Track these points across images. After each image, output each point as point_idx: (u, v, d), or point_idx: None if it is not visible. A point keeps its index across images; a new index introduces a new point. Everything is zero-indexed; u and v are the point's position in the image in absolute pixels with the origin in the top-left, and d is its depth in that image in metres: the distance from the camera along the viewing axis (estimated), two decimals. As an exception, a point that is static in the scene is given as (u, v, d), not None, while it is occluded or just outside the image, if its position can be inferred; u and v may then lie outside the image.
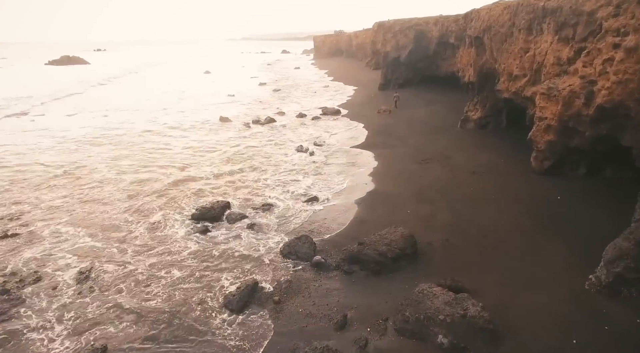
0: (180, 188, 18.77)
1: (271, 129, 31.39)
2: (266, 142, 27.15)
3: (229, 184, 19.22)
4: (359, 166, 21.26)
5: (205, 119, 35.44)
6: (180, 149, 25.51)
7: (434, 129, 27.89)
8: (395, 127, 29.42)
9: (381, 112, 34.88)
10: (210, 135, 29.15)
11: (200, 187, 18.82)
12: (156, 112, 38.83)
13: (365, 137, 27.39)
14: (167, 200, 17.29)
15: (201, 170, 21.27)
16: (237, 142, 26.87)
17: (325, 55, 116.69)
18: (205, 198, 17.59)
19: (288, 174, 20.53)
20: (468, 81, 26.16)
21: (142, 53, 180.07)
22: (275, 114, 37.56)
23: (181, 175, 20.39)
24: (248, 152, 24.58)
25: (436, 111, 33.22)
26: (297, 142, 27.01)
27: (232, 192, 18.18)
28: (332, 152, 24.34)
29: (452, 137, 25.36)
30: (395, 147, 24.25)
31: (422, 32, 42.86)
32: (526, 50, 18.92)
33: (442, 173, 19.08)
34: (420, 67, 44.61)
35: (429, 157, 21.60)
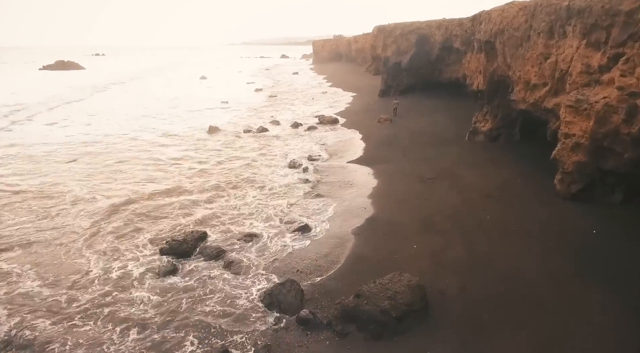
0: (152, 212, 16.41)
1: (263, 140, 29.11)
2: (256, 155, 24.85)
3: (208, 207, 16.88)
4: (357, 186, 18.94)
5: (194, 128, 33.16)
6: (159, 163, 23.17)
7: (439, 140, 25.61)
8: (397, 138, 27.14)
9: (381, 121, 32.63)
10: (195, 147, 26.83)
11: (175, 211, 16.50)
12: (143, 120, 36.56)
13: (364, 150, 25.10)
14: (132, 230, 14.90)
15: (178, 190, 18.94)
16: (223, 156, 24.55)
17: (324, 60, 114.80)
18: (179, 223, 15.27)
19: (277, 196, 18.18)
20: (477, 89, 23.92)
21: (140, 58, 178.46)
22: (269, 123, 35.33)
23: (155, 197, 18.05)
24: (234, 168, 22.25)
25: (440, 120, 30.97)
26: (290, 156, 24.73)
27: (210, 218, 15.84)
28: (328, 168, 22.03)
29: (459, 150, 23.07)
30: (396, 162, 21.96)
31: (424, 37, 40.74)
32: (547, 56, 16.68)
33: (451, 195, 16.76)
34: (423, 73, 42.44)
35: (436, 175, 19.30)
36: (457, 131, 27.07)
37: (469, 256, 12.18)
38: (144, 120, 36.69)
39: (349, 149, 25.64)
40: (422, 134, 27.65)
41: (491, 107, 23.08)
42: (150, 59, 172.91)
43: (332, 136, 29.60)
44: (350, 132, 30.52)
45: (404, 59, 42.88)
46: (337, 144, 27.36)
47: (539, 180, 17.16)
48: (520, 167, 19.12)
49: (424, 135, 27.27)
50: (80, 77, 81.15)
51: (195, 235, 13.94)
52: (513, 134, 22.71)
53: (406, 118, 33.51)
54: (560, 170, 14.84)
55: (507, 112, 22.26)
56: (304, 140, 28.74)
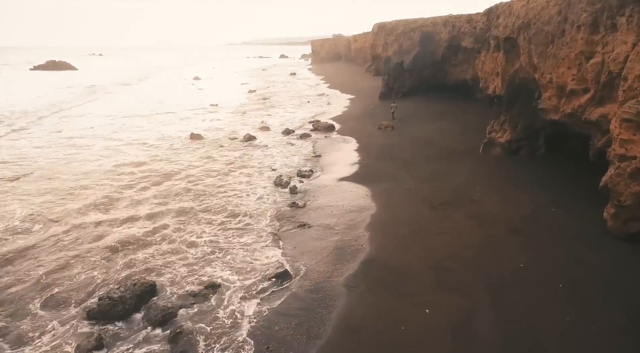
0: (89, 249, 13.07)
1: (249, 150, 25.79)
2: (238, 170, 21.52)
3: (163, 242, 13.52)
4: (351, 212, 15.59)
5: (173, 135, 29.84)
6: (122, 179, 19.80)
7: (449, 152, 22.27)
8: (399, 149, 23.80)
9: (382, 128, 29.32)
10: (167, 159, 23.44)
11: (120, 247, 13.14)
12: (118, 127, 33.22)
13: (361, 163, 21.75)
14: (57, 280, 11.52)
15: (135, 214, 15.59)
16: (199, 171, 21.20)
17: (323, 60, 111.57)
18: (117, 269, 11.94)
19: (254, 229, 14.80)
20: (493, 94, 20.58)
21: (137, 59, 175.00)
22: (258, 129, 32.04)
23: (101, 228, 14.70)
24: (209, 186, 18.88)
25: (448, 128, 27.62)
26: (278, 170, 21.44)
27: (163, 260, 12.46)
28: (319, 188, 18.68)
29: (474, 166, 19.71)
30: (399, 180, 18.61)
31: (428, 35, 37.44)
32: (589, 55, 13.35)
33: (469, 228, 13.40)
34: (427, 74, 39.13)
35: (448, 199, 15.94)
36: (468, 141, 23.72)
37: (506, 335, 8.78)
38: (119, 126, 33.33)
39: (345, 162, 22.28)
40: (429, 144, 24.30)
41: (510, 115, 19.74)
42: (146, 59, 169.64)
43: (326, 146, 26.26)
44: (347, 140, 27.17)
45: (406, 59, 39.58)
46: (332, 155, 24.01)
47: (579, 210, 13.80)
48: (551, 190, 15.74)
49: (431, 146, 23.91)
50: (69, 79, 77.87)
51: (137, 290, 10.58)
52: (536, 146, 19.36)
53: (409, 124, 30.18)
54: (614, 203, 11.48)
55: (530, 122, 18.93)
56: (295, 151, 25.39)
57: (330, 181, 19.36)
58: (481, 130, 24.77)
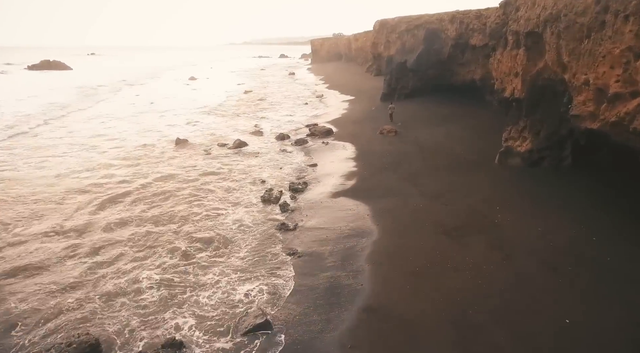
0: (30, 285, 10.69)
1: (238, 158, 23.40)
2: (223, 182, 19.10)
3: (109, 280, 11.07)
4: (350, 237, 13.18)
5: (158, 141, 27.48)
6: (89, 192, 17.38)
7: (460, 162, 19.85)
8: (404, 158, 21.39)
9: (384, 134, 26.89)
10: (143, 169, 21.00)
11: (54, 287, 10.73)
12: (99, 131, 30.83)
13: (361, 175, 19.34)
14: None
15: (77, 243, 13.17)
16: (175, 183, 18.75)
17: (323, 59, 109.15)
18: (49, 311, 9.56)
19: (231, 262, 12.36)
20: (510, 97, 18.15)
21: (134, 58, 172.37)
22: (251, 133, 29.67)
23: (49, 257, 12.30)
24: (183, 203, 16.39)
25: (457, 133, 25.20)
26: (268, 182, 19.06)
27: (108, 305, 10.06)
28: (313, 204, 16.27)
29: (490, 179, 17.28)
30: (405, 196, 16.20)
31: (434, 32, 34.98)
32: (638, 51, 10.93)
33: (493, 264, 10.96)
34: (432, 75, 36.67)
35: (464, 222, 13.51)
36: (481, 149, 21.31)
37: None
38: (99, 131, 30.92)
39: (343, 172, 19.86)
40: (437, 152, 21.87)
41: (531, 121, 17.31)
42: (144, 59, 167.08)
43: (323, 153, 23.85)
44: (346, 147, 24.73)
45: (410, 58, 37.12)
46: (329, 164, 21.60)
47: (627, 240, 11.38)
48: (587, 212, 13.29)
49: (439, 154, 21.49)
50: (62, 79, 75.54)
51: (73, 352, 8.23)
52: (562, 157, 16.93)
53: (414, 129, 27.76)
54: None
55: (555, 129, 16.51)
56: (288, 160, 22.99)
57: (326, 196, 16.95)
58: (494, 137, 22.35)
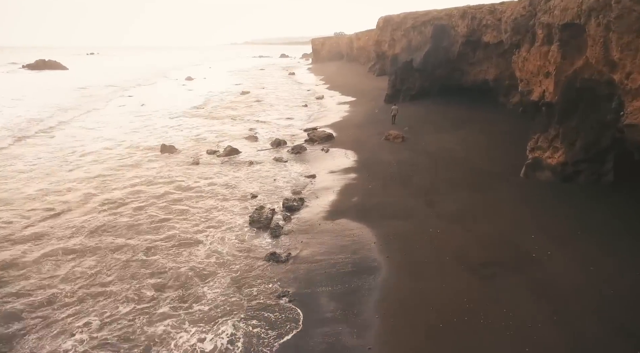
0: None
1: (227, 168, 20.96)
2: (207, 198, 16.61)
3: (34, 332, 8.66)
4: (353, 274, 10.72)
5: (142, 146, 25.09)
6: (51, 210, 14.94)
7: (479, 175, 17.39)
8: (414, 169, 18.94)
9: (391, 140, 24.42)
10: (117, 181, 18.54)
11: None
12: (86, 134, 28.48)
13: (366, 189, 16.88)
14: None
15: (10, 277, 10.75)
16: (154, 199, 16.26)
17: (324, 59, 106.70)
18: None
19: (197, 315, 9.81)
20: (540, 100, 15.67)
21: (134, 58, 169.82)
22: (245, 138, 27.26)
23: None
24: (155, 229, 13.87)
25: (472, 140, 22.74)
26: (259, 197, 16.64)
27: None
28: (311, 227, 13.82)
29: (517, 197, 14.78)
30: (417, 217, 13.75)
31: (443, 28, 32.53)
32: None
33: (540, 320, 8.44)
34: (440, 74, 34.22)
35: (494, 255, 11.03)
36: (501, 159, 18.85)
37: None
38: (85, 134, 28.57)
39: (345, 186, 17.42)
40: (451, 162, 19.41)
41: (565, 129, 14.84)
42: (143, 58, 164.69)
43: (322, 162, 21.39)
44: (347, 155, 22.27)
45: (416, 57, 34.68)
46: (329, 176, 19.12)
47: None
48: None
49: (454, 164, 19.02)
50: (55, 79, 73.24)
51: None
52: (602, 172, 14.45)
53: (423, 134, 25.29)
54: None
55: (594, 139, 14.03)
56: (284, 170, 20.51)
57: (324, 217, 14.49)
58: (515, 144, 19.95)
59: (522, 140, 19.85)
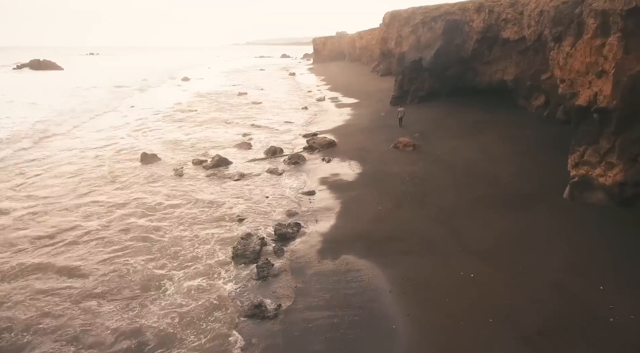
0: None
1: (213, 183, 18.13)
2: (182, 225, 13.78)
3: None
4: (363, 345, 7.93)
5: (121, 154, 22.34)
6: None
7: (510, 193, 14.51)
8: (431, 185, 16.08)
9: (400, 148, 21.56)
10: (77, 198, 15.73)
11: None
12: (61, 142, 25.74)
13: (375, 212, 14.00)
14: None
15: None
16: (116, 223, 13.44)
17: (325, 59, 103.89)
18: None
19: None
20: (591, 106, 12.78)
21: (134, 58, 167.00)
22: (237, 146, 24.47)
23: None
24: (104, 271, 11.02)
25: (493, 148, 19.87)
26: (247, 221, 13.82)
27: None
28: (307, 264, 10.99)
29: (566, 226, 11.87)
30: (440, 252, 10.91)
31: (455, 24, 29.63)
32: None
33: None
34: (451, 74, 31.33)
35: (553, 317, 8.19)
36: (533, 173, 15.97)
37: None
38: (59, 142, 25.83)
39: (349, 207, 14.57)
40: (473, 176, 16.52)
41: (623, 142, 11.98)
42: (143, 59, 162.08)
43: (323, 176, 18.52)
44: (351, 166, 19.43)
45: (426, 55, 31.77)
46: (330, 193, 16.29)
47: None
48: None
49: (477, 179, 16.13)
50: (47, 80, 70.72)
51: None
52: (672, 194, 11.57)
53: (436, 141, 22.44)
54: None
55: (663, 153, 11.17)
56: (279, 185, 17.67)
57: (324, 251, 11.65)
58: (546, 154, 17.17)
59: (555, 151, 17.06)
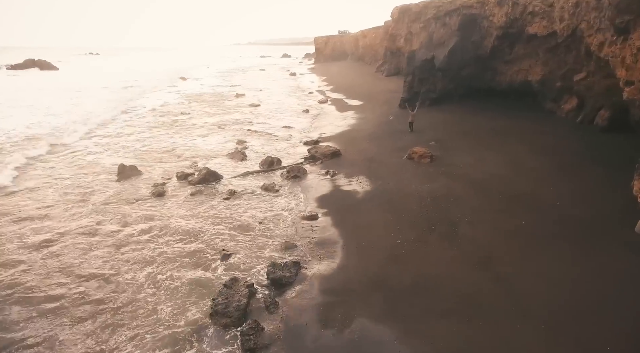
0: None
1: (200, 201, 15.38)
2: (151, 264, 10.99)
3: None
4: None
5: (99, 166, 19.61)
6: None
7: (562, 222, 11.71)
8: (459, 210, 13.24)
9: (415, 159, 18.76)
10: (24, 225, 13.00)
11: None
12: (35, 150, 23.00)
13: (391, 244, 11.22)
14: None
15: None
16: (53, 271, 10.69)
17: (327, 58, 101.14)
18: None
19: None
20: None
21: (134, 58, 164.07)
22: (229, 155, 21.73)
23: None
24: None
25: (527, 162, 17.05)
26: (233, 260, 11.05)
27: None
28: (304, 332, 8.22)
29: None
30: (488, 315, 8.12)
31: (472, 19, 26.85)
32: None
33: None
34: (467, 74, 28.58)
35: None
36: (586, 196, 13.15)
37: None
38: (34, 151, 23.08)
39: (360, 240, 11.79)
40: (508, 197, 13.67)
41: None
42: (142, 59, 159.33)
43: (327, 194, 15.74)
44: (360, 183, 16.63)
45: (439, 54, 28.99)
46: (335, 217, 13.50)
47: None
48: None
49: (516, 203, 13.27)
50: (35, 81, 68.09)
51: None
52: None
53: (456, 151, 19.61)
54: None
55: None
56: (275, 207, 14.89)
57: (330, 308, 8.86)
58: (589, 168, 14.47)
59: (599, 165, 14.38)
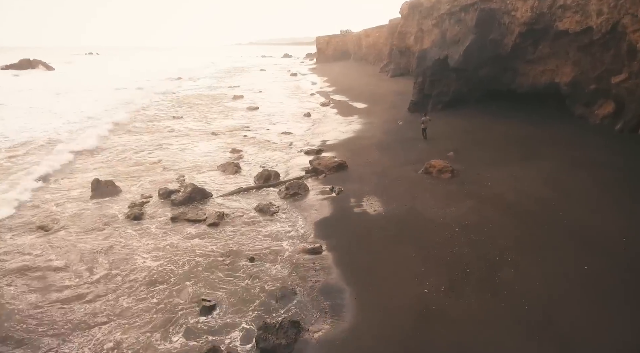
0: None
1: (180, 227, 12.90)
2: (106, 334, 8.53)
3: None
4: None
5: (73, 183, 17.18)
6: None
7: (631, 268, 9.21)
8: (495, 245, 10.69)
9: (434, 174, 16.18)
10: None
11: None
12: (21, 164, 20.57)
13: (413, 301, 8.69)
14: None
15: None
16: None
17: (329, 58, 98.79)
18: None
19: None
20: None
21: (134, 58, 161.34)
22: (220, 168, 19.26)
23: None
24: None
25: (571, 180, 14.48)
26: (215, 312, 8.56)
27: None
28: None
29: None
30: None
31: (491, 15, 24.29)
32: None
33: None
34: (484, 76, 26.03)
35: None
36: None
37: None
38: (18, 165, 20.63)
39: (375, 292, 9.29)
40: (557, 228, 11.13)
41: None
42: (142, 59, 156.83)
43: (332, 219, 13.22)
44: (372, 205, 14.09)
45: (453, 53, 26.43)
46: (343, 261, 10.99)
47: None
48: None
49: (570, 237, 10.73)
50: (25, 83, 65.69)
51: None
52: None
53: (479, 164, 17.04)
54: None
55: None
56: (269, 238, 12.38)
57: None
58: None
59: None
